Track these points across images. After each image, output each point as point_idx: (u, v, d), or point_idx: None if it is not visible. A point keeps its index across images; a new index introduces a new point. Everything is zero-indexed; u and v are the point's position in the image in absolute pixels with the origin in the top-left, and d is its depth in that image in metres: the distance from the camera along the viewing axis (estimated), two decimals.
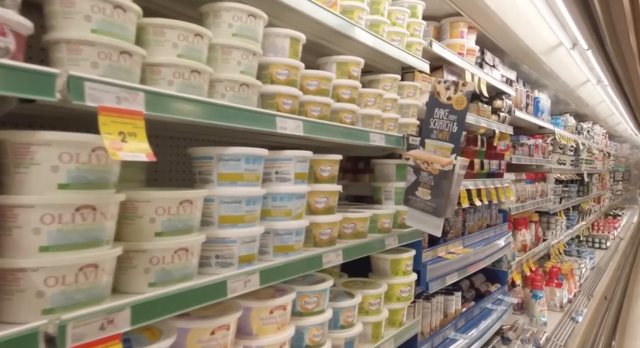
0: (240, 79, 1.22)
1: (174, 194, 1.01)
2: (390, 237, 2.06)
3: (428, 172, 2.04)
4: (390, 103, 2.10)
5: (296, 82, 1.46)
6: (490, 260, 3.25)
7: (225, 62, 1.20)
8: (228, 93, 1.20)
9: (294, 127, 1.40)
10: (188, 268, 1.05)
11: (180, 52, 1.05)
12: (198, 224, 1.11)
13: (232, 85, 1.20)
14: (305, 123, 1.46)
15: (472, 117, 3.00)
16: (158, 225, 0.98)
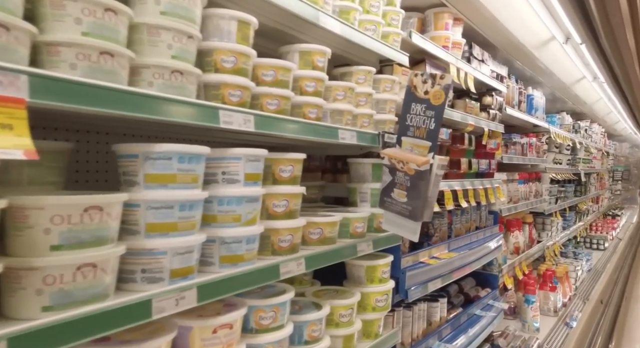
0: (172, 65, 1.06)
1: (76, 200, 0.85)
2: (364, 243, 1.91)
3: (404, 172, 1.89)
4: (364, 97, 1.95)
5: (246, 71, 1.31)
6: (478, 264, 3.10)
7: (153, 45, 1.04)
8: (156, 81, 1.04)
9: (242, 122, 1.24)
10: (97, 287, 0.89)
11: (86, 29, 0.89)
12: (114, 234, 0.96)
13: (162, 72, 1.04)
14: (258, 117, 1.31)
15: (459, 114, 2.84)
16: (54, 237, 0.83)
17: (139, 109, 0.95)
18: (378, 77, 2.10)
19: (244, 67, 1.28)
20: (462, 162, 2.96)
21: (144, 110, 0.98)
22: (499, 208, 3.70)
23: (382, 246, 2.05)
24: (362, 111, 1.93)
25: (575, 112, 7.36)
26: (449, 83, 1.84)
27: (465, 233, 3.17)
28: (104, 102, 0.88)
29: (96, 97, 0.86)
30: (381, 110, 2.11)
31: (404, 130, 1.94)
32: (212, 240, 1.24)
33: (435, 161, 1.87)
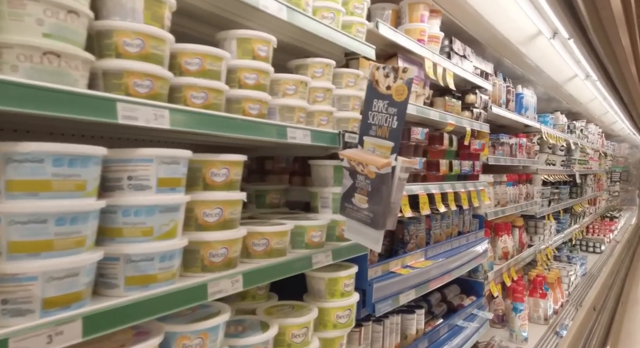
0: (43, 44, 0.88)
1: None
2: (321, 253, 1.72)
3: (364, 175, 1.71)
4: (322, 93, 1.77)
5: (159, 58, 1.12)
6: (460, 271, 2.91)
7: (17, 20, 0.86)
8: (22, 64, 0.86)
9: (153, 117, 1.06)
10: None
11: None
12: None
13: (30, 54, 0.86)
14: (175, 112, 1.12)
15: (437, 113, 2.66)
16: None
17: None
18: (340, 71, 1.92)
19: (155, 52, 1.10)
20: (441, 164, 2.77)
21: (6, 102, 0.80)
22: (485, 212, 3.52)
23: (344, 256, 1.87)
24: (319, 108, 1.75)
25: (571, 112, 7.18)
26: (411, 77, 1.66)
27: (446, 239, 2.99)
28: None
29: None
30: (344, 108, 1.92)
31: (365, 129, 1.76)
32: (114, 258, 1.05)
33: (398, 163, 1.70)
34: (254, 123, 1.37)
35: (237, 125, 1.30)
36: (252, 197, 2.05)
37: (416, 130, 2.47)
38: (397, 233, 2.61)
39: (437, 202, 2.64)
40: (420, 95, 2.54)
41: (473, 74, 3.18)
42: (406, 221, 2.57)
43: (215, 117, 1.23)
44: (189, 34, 1.55)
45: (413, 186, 2.43)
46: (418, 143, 2.53)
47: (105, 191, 1.08)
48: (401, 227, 2.58)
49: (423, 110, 2.50)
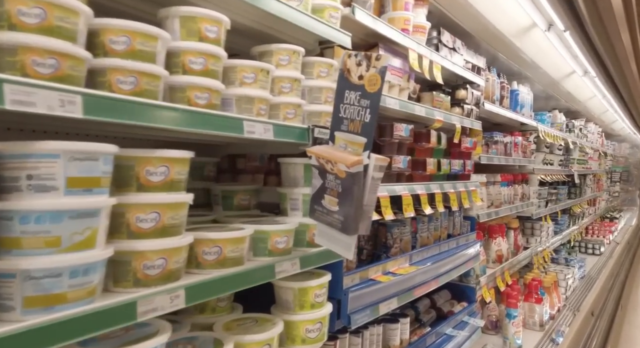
0: None
1: None
2: (287, 262, 1.55)
3: (334, 175, 1.54)
4: (289, 83, 1.59)
5: (69, 33, 0.94)
6: (448, 277, 2.74)
7: None
8: None
9: (58, 104, 0.89)
10: None
11: None
12: None
13: None
14: (90, 99, 0.95)
15: (422, 108, 2.48)
16: None
17: None
18: (310, 60, 1.74)
19: (62, 25, 0.92)
20: (428, 163, 2.60)
21: None
22: (477, 214, 3.35)
23: (315, 264, 1.69)
24: (284, 100, 1.58)
25: (570, 110, 7.01)
26: (385, 65, 1.49)
27: (434, 242, 2.81)
28: None
29: None
30: (315, 100, 1.75)
31: (337, 123, 1.59)
32: (9, 274, 0.88)
33: (371, 161, 1.52)
34: (199, 114, 1.19)
35: (176, 116, 1.12)
36: (219, 199, 1.88)
37: (399, 127, 2.30)
38: (380, 237, 2.43)
39: (423, 204, 2.46)
40: (404, 89, 2.37)
41: (464, 68, 3.00)
42: (389, 224, 2.40)
43: (145, 106, 1.05)
44: (128, 12, 1.37)
45: (396, 186, 2.26)
46: (402, 140, 2.35)
47: (1, 193, 0.91)
48: (384, 231, 2.41)
49: (407, 105, 2.32)
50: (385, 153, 2.31)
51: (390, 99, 2.17)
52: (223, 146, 2.15)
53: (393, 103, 2.19)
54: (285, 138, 1.51)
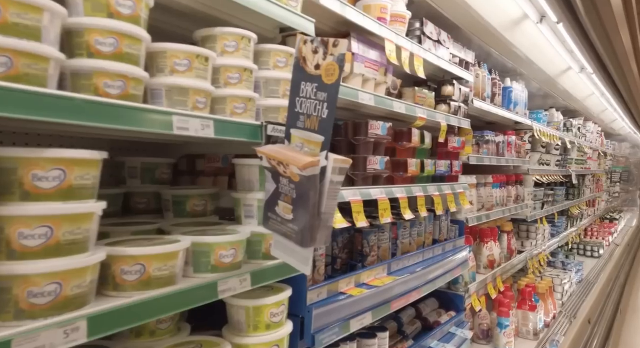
0: None
1: None
2: (234, 278, 1.36)
3: (287, 178, 1.36)
4: (237, 73, 1.41)
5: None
6: (432, 286, 2.55)
7: None
8: None
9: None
10: None
11: None
12: None
13: None
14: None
15: (401, 105, 2.30)
16: None
17: None
18: (266, 48, 1.56)
19: None
20: (409, 164, 2.42)
21: None
22: (465, 217, 3.16)
23: (271, 279, 1.51)
24: (231, 92, 1.39)
25: (569, 109, 6.82)
26: (343, 53, 1.31)
27: (417, 249, 2.63)
28: None
29: None
30: (272, 94, 1.56)
31: (293, 119, 1.42)
32: None
33: (329, 163, 1.35)
34: (106, 106, 1.00)
35: (75, 108, 0.93)
36: (169, 204, 1.69)
37: (375, 124, 2.11)
38: (356, 244, 2.25)
39: (403, 208, 2.28)
40: (380, 83, 2.18)
41: (450, 62, 2.81)
42: (366, 230, 2.21)
43: (23, 94, 0.86)
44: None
45: (371, 189, 2.07)
46: (378, 139, 2.17)
47: None
48: (360, 237, 2.22)
49: (384, 101, 2.14)
50: (360, 153, 2.13)
51: (364, 93, 1.99)
52: (180, 145, 1.97)
53: (367, 98, 2.01)
54: (231, 136, 1.32)
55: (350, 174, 2.10)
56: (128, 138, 1.83)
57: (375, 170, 2.13)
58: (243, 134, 1.37)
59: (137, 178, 1.74)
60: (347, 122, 2.14)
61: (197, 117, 1.18)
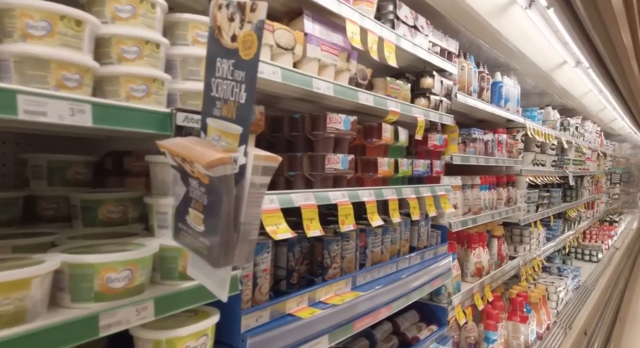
0: None
1: None
2: (128, 308, 1.08)
3: (197, 179, 1.09)
4: (136, 46, 1.13)
5: None
6: (406, 300, 2.28)
7: None
8: None
9: None
10: None
11: None
12: None
13: None
14: None
15: (369, 96, 2.03)
16: None
17: None
18: (182, 19, 1.28)
19: None
20: (380, 163, 2.15)
21: None
22: (448, 222, 2.89)
23: (185, 305, 1.23)
24: (126, 70, 1.12)
25: (566, 108, 6.55)
26: (262, 19, 1.04)
27: (391, 258, 2.36)
28: None
29: None
30: (192, 75, 1.29)
31: (209, 105, 1.16)
32: None
33: (248, 160, 1.08)
34: None
35: None
36: (78, 211, 1.42)
37: (335, 118, 1.84)
38: (316, 255, 1.97)
39: (370, 213, 2.00)
40: (342, 70, 1.91)
41: (429, 51, 2.54)
42: (327, 239, 1.94)
43: None
44: None
45: (330, 193, 1.80)
46: (340, 135, 1.89)
47: None
48: (320, 247, 1.95)
49: (346, 92, 1.87)
50: (318, 150, 1.86)
51: (320, 81, 1.71)
52: (104, 140, 1.70)
53: (324, 87, 1.73)
54: (125, 126, 1.05)
55: (308, 175, 1.83)
56: (41, 132, 1.56)
57: (336, 170, 1.85)
58: (145, 123, 1.10)
59: (42, 180, 1.47)
60: (305, 115, 1.87)
61: (60, 99, 0.91)
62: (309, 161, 1.83)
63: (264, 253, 1.57)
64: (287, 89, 1.79)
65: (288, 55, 1.61)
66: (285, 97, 2.02)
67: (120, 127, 1.04)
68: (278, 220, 1.46)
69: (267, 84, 1.55)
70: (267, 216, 1.44)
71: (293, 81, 1.57)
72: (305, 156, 1.83)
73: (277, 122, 1.94)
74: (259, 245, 1.56)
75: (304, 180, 1.85)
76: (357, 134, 2.20)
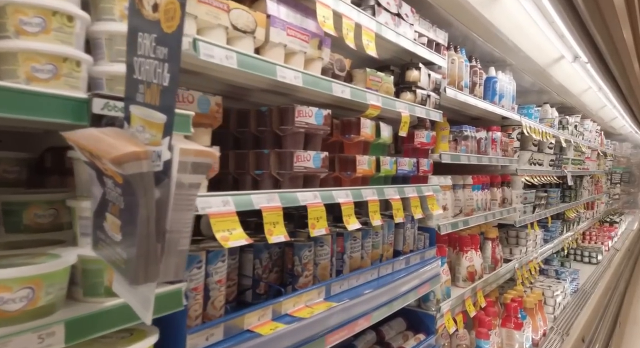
0: None
1: None
2: (26, 334, 0.89)
3: (111, 178, 0.92)
4: (38, 17, 0.96)
5: None
6: (388, 309, 2.11)
7: None
8: None
9: None
10: None
11: None
12: None
13: None
14: None
15: (347, 89, 1.85)
16: None
17: None
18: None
19: None
20: (359, 161, 1.97)
21: None
22: (437, 224, 2.71)
23: (108, 328, 1.05)
24: (24, 45, 0.94)
25: (565, 106, 6.38)
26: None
27: (373, 264, 2.19)
28: None
29: None
30: (120, 56, 1.12)
31: (132, 90, 0.99)
32: None
33: (174, 155, 0.91)
34: None
35: None
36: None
37: (305, 111, 1.67)
38: (286, 262, 1.80)
39: (346, 216, 1.83)
40: (313, 58, 1.74)
41: (415, 41, 2.37)
42: (298, 244, 1.77)
43: None
44: None
45: (299, 193, 1.63)
46: (311, 130, 1.72)
47: None
48: (290, 253, 1.78)
49: (317, 82, 1.70)
50: (287, 146, 1.69)
51: (287, 70, 1.54)
52: (43, 135, 1.52)
53: (292, 76, 1.56)
54: (24, 114, 0.88)
55: (275, 174, 1.66)
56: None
57: (306, 168, 1.68)
58: (53, 111, 0.93)
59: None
60: (272, 108, 1.70)
61: None
62: (276, 159, 1.66)
63: (217, 263, 1.40)
64: (249, 78, 1.63)
65: (247, 39, 1.44)
66: (253, 88, 1.85)
67: (21, 116, 0.87)
68: (232, 225, 1.29)
69: (221, 71, 1.38)
70: (218, 220, 1.27)
71: (252, 68, 1.40)
72: (273, 153, 1.66)
73: (243, 116, 1.77)
74: (212, 253, 1.39)
75: (272, 180, 1.68)
76: (335, 130, 2.04)
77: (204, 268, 1.35)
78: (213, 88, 1.78)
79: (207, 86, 1.72)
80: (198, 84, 1.68)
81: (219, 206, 1.30)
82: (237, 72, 1.39)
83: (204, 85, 1.71)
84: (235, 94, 1.92)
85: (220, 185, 1.82)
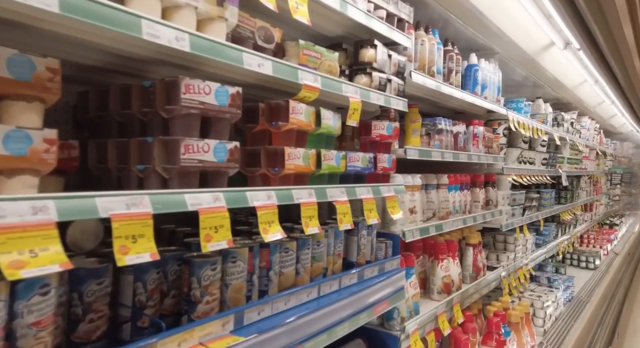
0: None
1: None
2: None
3: None
4: None
5: None
6: (327, 338, 1.72)
7: None
8: None
9: None
10: None
11: None
12: None
13: None
14: None
15: (269, 63, 1.46)
16: None
17: None
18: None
19: None
20: (290, 155, 1.59)
21: None
22: (402, 231, 2.33)
23: None
24: None
25: (561, 101, 6.01)
26: None
27: (313, 280, 1.80)
28: None
29: None
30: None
31: None
32: None
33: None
34: None
35: None
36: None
37: (198, 86, 1.28)
38: (183, 284, 1.41)
39: (263, 223, 1.44)
40: (211, 18, 1.34)
41: (369, 14, 1.98)
42: (197, 261, 1.38)
43: None
44: None
45: (188, 195, 1.24)
46: (211, 113, 1.34)
47: None
48: (187, 272, 1.39)
49: (217, 49, 1.30)
50: (174, 133, 1.30)
51: (162, 27, 1.15)
52: None
53: (172, 37, 1.17)
54: None
55: (160, 170, 1.28)
56: None
57: (202, 162, 1.30)
58: None
59: None
60: (157, 82, 1.31)
61: None
62: (162, 149, 1.28)
63: (33, 297, 1.00)
64: (108, 37, 1.24)
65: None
66: (143, 59, 1.46)
67: None
68: (47, 242, 0.90)
69: (45, 19, 0.99)
70: (27, 235, 0.88)
71: (88, 16, 0.99)
72: (157, 142, 1.27)
73: (126, 94, 1.38)
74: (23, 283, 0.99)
75: (159, 178, 1.30)
76: (261, 116, 1.66)
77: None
78: (91, 58, 1.40)
79: (77, 53, 1.34)
80: (64, 50, 1.30)
81: (28, 215, 0.92)
82: (69, 22, 1.00)
83: (72, 52, 1.33)
84: (133, 68, 1.54)
85: (102, 184, 1.44)
